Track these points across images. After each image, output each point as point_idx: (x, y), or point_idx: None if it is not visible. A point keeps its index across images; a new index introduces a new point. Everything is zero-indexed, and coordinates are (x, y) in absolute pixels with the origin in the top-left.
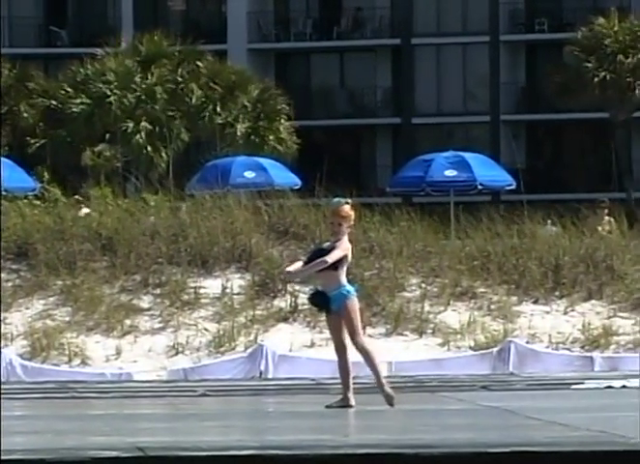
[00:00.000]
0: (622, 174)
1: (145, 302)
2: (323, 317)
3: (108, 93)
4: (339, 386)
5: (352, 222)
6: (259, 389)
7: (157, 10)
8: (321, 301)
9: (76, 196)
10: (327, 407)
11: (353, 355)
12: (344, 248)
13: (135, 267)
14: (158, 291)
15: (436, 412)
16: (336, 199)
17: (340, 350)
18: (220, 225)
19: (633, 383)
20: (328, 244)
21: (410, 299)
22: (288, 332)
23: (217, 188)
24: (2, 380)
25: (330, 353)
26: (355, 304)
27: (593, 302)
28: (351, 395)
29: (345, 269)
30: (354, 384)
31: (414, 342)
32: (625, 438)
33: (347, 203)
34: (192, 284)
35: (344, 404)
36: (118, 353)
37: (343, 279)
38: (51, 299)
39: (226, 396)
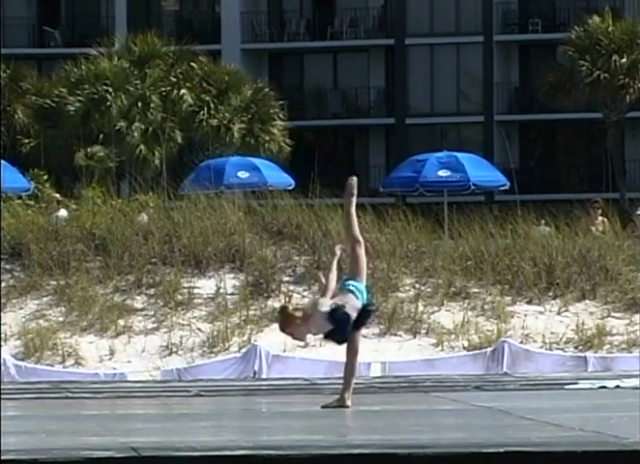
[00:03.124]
0: (615, 174)
1: (139, 302)
2: None
3: (103, 94)
4: (335, 386)
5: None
6: (253, 389)
7: (150, 10)
8: (346, 327)
9: (57, 195)
10: (323, 407)
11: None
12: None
13: (129, 267)
14: (151, 291)
15: (429, 412)
16: None
17: (352, 352)
18: (214, 225)
19: (627, 383)
20: None
21: (403, 299)
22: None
23: (210, 189)
24: None
25: (323, 353)
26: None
27: (586, 302)
28: (349, 396)
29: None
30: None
31: (407, 342)
32: (619, 438)
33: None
34: (186, 284)
35: (341, 404)
36: (112, 353)
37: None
38: (45, 299)
39: (220, 396)
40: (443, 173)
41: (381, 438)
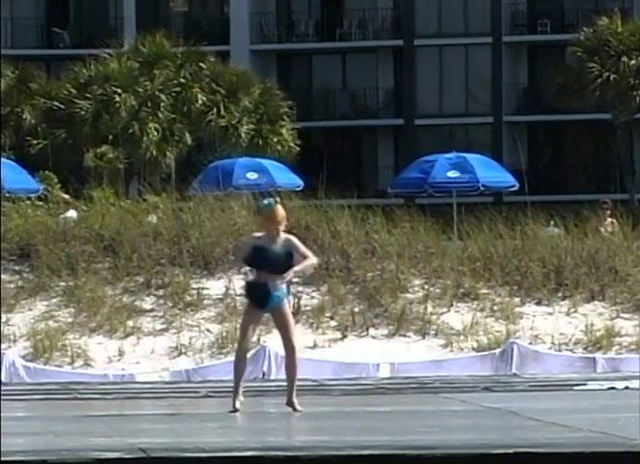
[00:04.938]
0: (623, 175)
1: (147, 303)
2: (326, 319)
3: (112, 94)
4: (343, 387)
5: (285, 221)
6: (261, 390)
7: (158, 11)
8: (263, 295)
9: (65, 196)
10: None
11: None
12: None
13: (138, 268)
14: (160, 292)
15: (438, 413)
16: (267, 201)
17: (246, 349)
18: (223, 226)
19: (636, 384)
20: (260, 238)
21: (412, 300)
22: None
23: (219, 190)
24: (4, 381)
25: (332, 354)
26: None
27: (595, 303)
28: (240, 394)
29: None
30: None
31: (416, 343)
32: (627, 439)
33: (277, 203)
34: (195, 285)
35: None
36: (120, 354)
37: None
38: (54, 300)
39: (229, 398)
40: (452, 174)
41: (390, 439)
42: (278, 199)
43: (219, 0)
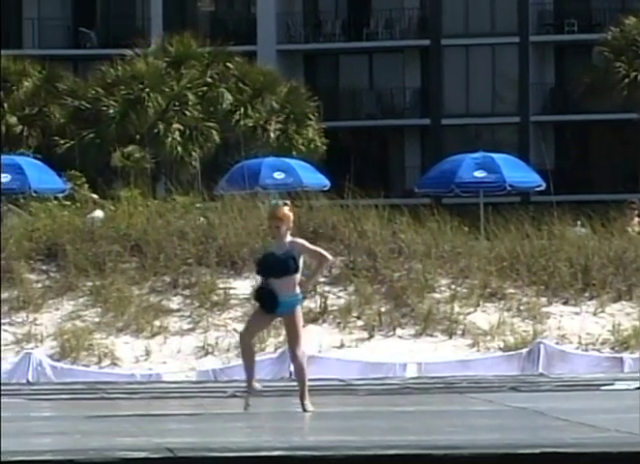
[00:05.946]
0: None
1: (174, 303)
2: (353, 318)
3: (140, 94)
4: (370, 386)
5: (291, 224)
6: (288, 389)
7: (185, 11)
8: (269, 301)
9: (94, 196)
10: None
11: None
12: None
13: (165, 268)
14: (187, 292)
15: (464, 413)
16: (274, 201)
17: (250, 350)
18: (249, 226)
19: None
20: (273, 246)
21: (439, 300)
22: (317, 332)
23: (246, 189)
24: (31, 381)
25: (359, 354)
26: (301, 312)
27: (622, 303)
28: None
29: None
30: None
31: (443, 343)
32: None
33: (285, 205)
34: (222, 285)
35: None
36: (147, 354)
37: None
38: (81, 300)
39: (255, 397)
40: (479, 174)
41: (416, 439)
42: (288, 202)
43: (246, 0)
